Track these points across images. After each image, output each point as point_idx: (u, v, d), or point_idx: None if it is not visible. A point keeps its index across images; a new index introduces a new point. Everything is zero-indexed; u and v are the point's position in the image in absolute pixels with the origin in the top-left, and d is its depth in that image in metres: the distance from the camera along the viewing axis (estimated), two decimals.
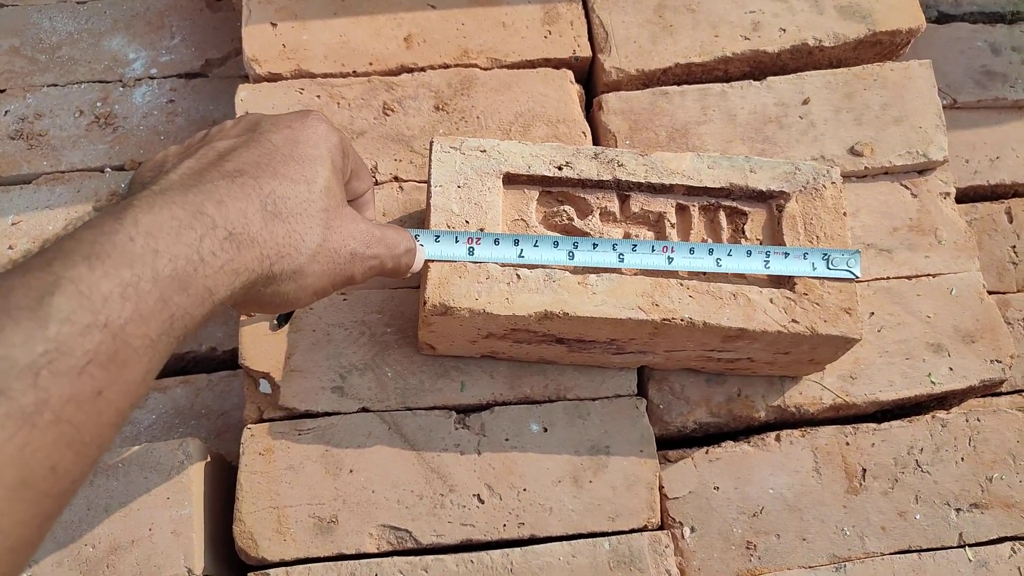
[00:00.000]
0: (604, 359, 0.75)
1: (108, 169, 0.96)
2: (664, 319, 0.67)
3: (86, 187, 0.95)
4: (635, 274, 0.69)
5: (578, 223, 0.72)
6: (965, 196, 1.03)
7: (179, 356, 0.90)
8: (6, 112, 0.99)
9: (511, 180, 0.72)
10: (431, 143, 0.72)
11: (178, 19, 1.04)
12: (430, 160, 0.71)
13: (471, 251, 0.67)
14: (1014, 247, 1.01)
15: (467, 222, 0.69)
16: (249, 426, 0.74)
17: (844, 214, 0.72)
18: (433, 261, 0.67)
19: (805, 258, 0.69)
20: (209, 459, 0.74)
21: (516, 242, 0.67)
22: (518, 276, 0.68)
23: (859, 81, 0.87)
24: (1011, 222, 1.01)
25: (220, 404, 0.87)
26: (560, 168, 0.72)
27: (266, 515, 0.70)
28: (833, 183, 0.73)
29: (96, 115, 0.99)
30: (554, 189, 0.72)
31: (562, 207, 0.72)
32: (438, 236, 0.67)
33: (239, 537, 0.70)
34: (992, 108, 1.05)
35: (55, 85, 1.00)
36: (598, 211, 0.72)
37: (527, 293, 0.67)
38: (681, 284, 0.68)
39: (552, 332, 0.69)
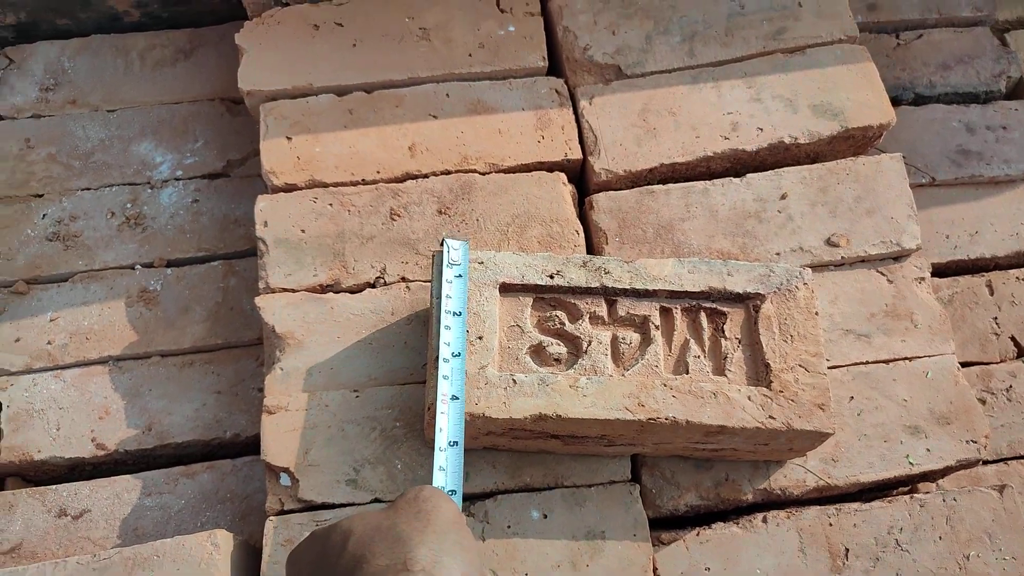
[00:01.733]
0: (598, 450, 0.80)
1: (138, 266, 1.04)
2: (649, 418, 0.73)
3: (118, 284, 1.03)
4: (622, 375, 0.75)
5: (569, 327, 0.78)
6: (947, 270, 1.07)
7: (205, 443, 0.96)
8: (44, 215, 1.07)
9: (507, 288, 0.78)
10: (433, 256, 0.78)
11: (201, 124, 1.12)
12: (432, 273, 0.78)
13: None
14: (995, 319, 1.05)
15: (467, 330, 0.75)
16: (271, 518, 0.80)
17: (816, 314, 0.77)
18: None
19: None
20: (235, 547, 0.80)
21: None
22: (514, 381, 0.74)
23: (833, 176, 0.92)
24: (992, 294, 1.06)
25: (244, 488, 0.94)
26: (552, 276, 0.78)
27: None
28: (805, 284, 0.78)
29: (127, 216, 1.07)
30: (547, 296, 0.79)
31: (554, 312, 0.78)
32: None
33: None
34: (969, 184, 1.10)
35: (88, 189, 1.09)
36: (588, 315, 0.78)
37: (523, 397, 0.73)
38: (664, 385, 0.74)
39: (547, 431, 0.75)
